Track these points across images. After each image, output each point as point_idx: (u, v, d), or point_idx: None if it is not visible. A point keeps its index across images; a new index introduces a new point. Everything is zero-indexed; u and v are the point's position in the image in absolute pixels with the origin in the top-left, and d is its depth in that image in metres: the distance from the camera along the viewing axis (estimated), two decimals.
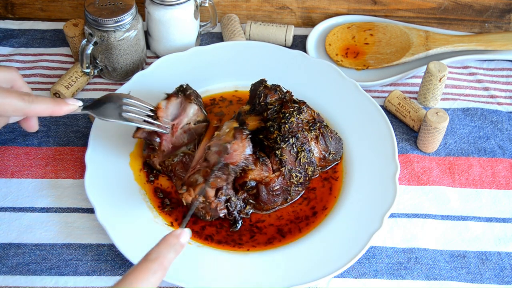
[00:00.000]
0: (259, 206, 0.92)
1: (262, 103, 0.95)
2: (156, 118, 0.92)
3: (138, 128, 0.92)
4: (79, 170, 0.98)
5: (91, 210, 0.92)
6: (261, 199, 0.90)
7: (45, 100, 0.80)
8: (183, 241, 0.72)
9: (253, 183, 0.89)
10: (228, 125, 0.92)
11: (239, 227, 0.91)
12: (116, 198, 0.91)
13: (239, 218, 0.91)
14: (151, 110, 0.92)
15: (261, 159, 0.89)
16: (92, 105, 0.87)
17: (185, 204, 0.87)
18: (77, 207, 0.94)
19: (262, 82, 0.97)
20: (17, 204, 0.94)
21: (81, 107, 0.84)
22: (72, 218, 0.92)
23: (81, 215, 0.93)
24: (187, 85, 0.97)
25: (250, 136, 0.89)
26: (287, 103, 0.94)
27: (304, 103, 0.95)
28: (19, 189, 0.95)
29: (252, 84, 0.98)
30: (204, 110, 0.98)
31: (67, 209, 0.93)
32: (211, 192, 0.86)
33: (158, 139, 0.93)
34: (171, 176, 0.95)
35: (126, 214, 0.90)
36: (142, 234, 0.88)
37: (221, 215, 0.89)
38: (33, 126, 0.86)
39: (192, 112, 0.96)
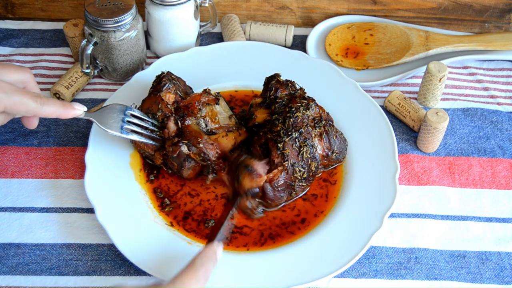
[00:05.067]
0: (267, 204, 0.92)
1: (272, 97, 0.95)
2: (161, 132, 0.94)
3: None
4: (79, 170, 0.98)
5: (91, 210, 0.92)
6: (268, 197, 0.90)
7: (55, 103, 0.83)
8: (218, 255, 0.78)
9: (256, 190, 0.90)
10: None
11: (209, 179, 0.93)
12: (116, 198, 0.91)
13: (211, 171, 0.93)
14: (153, 125, 0.94)
15: (248, 169, 0.89)
16: (96, 113, 0.89)
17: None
18: (77, 207, 0.94)
19: (275, 76, 0.98)
20: (17, 204, 0.94)
21: (85, 112, 0.87)
22: (72, 218, 0.92)
23: (81, 215, 0.93)
24: (165, 73, 0.97)
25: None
26: (296, 98, 0.94)
27: (313, 100, 0.95)
28: (19, 189, 0.95)
29: (266, 78, 0.99)
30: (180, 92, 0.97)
31: (67, 209, 0.94)
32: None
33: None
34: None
35: (126, 214, 0.90)
36: (142, 234, 0.88)
37: (173, 155, 0.92)
38: (34, 123, 0.88)
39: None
